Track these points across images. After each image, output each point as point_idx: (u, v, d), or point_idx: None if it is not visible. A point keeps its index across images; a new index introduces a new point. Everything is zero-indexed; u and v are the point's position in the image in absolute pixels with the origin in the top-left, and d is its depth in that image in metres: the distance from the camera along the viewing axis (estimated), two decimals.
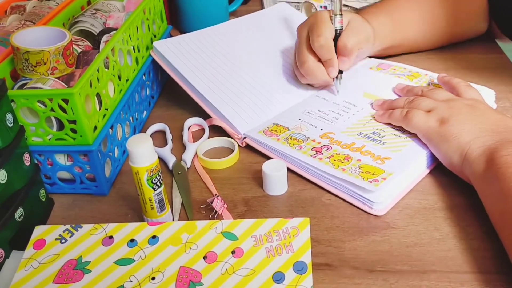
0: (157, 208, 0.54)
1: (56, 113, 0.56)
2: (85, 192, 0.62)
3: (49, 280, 0.47)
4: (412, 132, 0.62)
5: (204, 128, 0.72)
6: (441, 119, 0.58)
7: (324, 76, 0.71)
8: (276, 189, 0.60)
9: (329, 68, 0.71)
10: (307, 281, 0.46)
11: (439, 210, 0.56)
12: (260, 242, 0.49)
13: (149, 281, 0.47)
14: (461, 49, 0.86)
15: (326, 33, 0.69)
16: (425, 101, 0.62)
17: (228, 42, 0.82)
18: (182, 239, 0.50)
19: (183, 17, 1.00)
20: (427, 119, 0.60)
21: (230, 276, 0.47)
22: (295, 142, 0.64)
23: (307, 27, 0.72)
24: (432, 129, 0.59)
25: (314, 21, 0.71)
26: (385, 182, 0.56)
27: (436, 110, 0.60)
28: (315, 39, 0.69)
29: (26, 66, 0.60)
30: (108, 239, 0.51)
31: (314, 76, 0.72)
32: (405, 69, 0.79)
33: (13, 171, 0.52)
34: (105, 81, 0.63)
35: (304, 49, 0.71)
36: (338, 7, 0.70)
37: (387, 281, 0.48)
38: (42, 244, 0.51)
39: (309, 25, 0.72)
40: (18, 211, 0.53)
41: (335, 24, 0.71)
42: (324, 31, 0.69)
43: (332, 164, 0.59)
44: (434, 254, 0.51)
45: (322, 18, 0.70)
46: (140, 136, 0.52)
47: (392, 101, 0.67)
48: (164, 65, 0.77)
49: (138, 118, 0.73)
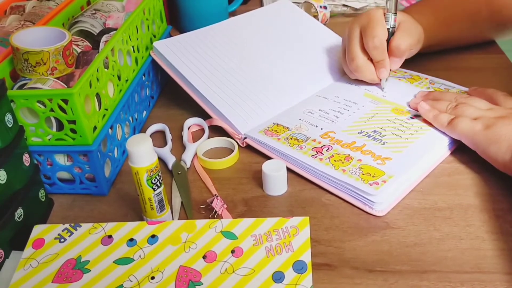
0: (156, 208, 0.54)
1: (55, 113, 0.56)
2: (84, 192, 0.62)
3: (48, 279, 0.47)
4: (456, 139, 0.62)
5: (204, 128, 0.72)
6: (487, 125, 0.58)
7: (372, 75, 0.72)
8: (276, 189, 0.60)
9: (381, 69, 0.71)
10: (306, 280, 0.45)
11: (438, 210, 0.56)
12: (260, 242, 0.49)
13: (148, 280, 0.47)
14: (461, 49, 0.86)
15: (380, 35, 0.69)
16: (470, 109, 0.62)
17: (228, 41, 0.82)
18: (182, 238, 0.50)
19: (183, 17, 1.00)
20: (473, 125, 0.60)
21: (229, 275, 0.46)
22: (295, 142, 0.64)
23: (359, 24, 0.72)
24: (478, 133, 0.59)
25: (368, 20, 0.70)
26: (386, 185, 0.56)
27: (483, 117, 0.60)
28: (370, 40, 0.69)
29: (26, 66, 0.60)
30: (107, 238, 0.51)
31: (362, 74, 0.72)
32: (405, 72, 0.79)
33: (12, 171, 0.52)
34: (105, 81, 0.63)
35: (356, 46, 0.71)
36: (394, 5, 0.70)
37: (387, 281, 0.48)
38: (41, 244, 0.51)
39: (362, 23, 0.71)
40: (17, 211, 0.53)
41: (390, 22, 0.70)
42: (378, 32, 0.69)
43: (332, 165, 0.59)
44: (434, 254, 0.51)
45: (377, 18, 0.70)
46: (140, 136, 0.52)
47: (436, 96, 0.68)
48: (164, 65, 0.77)
49: (137, 118, 0.73)
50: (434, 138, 0.63)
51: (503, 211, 0.55)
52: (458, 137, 0.62)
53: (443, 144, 0.63)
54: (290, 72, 0.78)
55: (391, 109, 0.69)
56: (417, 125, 0.65)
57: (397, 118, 0.67)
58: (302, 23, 0.88)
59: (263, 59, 0.80)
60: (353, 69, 0.73)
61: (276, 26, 0.87)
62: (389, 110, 0.69)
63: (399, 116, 0.67)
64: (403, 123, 0.66)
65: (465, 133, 0.60)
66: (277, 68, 0.78)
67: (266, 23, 0.87)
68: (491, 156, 0.58)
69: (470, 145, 0.61)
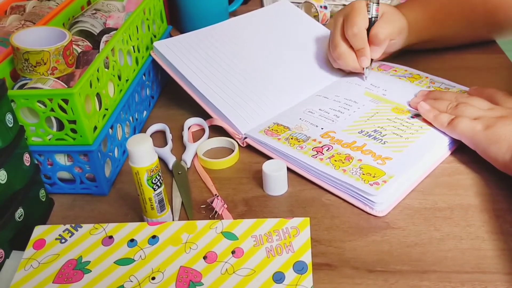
0: (157, 208, 0.54)
1: (56, 113, 0.56)
2: (85, 192, 0.62)
3: (49, 280, 0.47)
4: (457, 139, 0.62)
5: (204, 128, 0.72)
6: (487, 125, 0.58)
7: (354, 63, 0.74)
8: (276, 189, 0.60)
9: (361, 58, 0.73)
10: (307, 281, 0.45)
11: (439, 210, 0.56)
12: (260, 242, 0.49)
13: (149, 281, 0.47)
14: (461, 49, 0.86)
15: (360, 23, 0.71)
16: (470, 109, 0.62)
17: (228, 41, 0.82)
18: (182, 239, 0.50)
19: (183, 17, 1.00)
20: (473, 125, 0.60)
21: (230, 276, 0.47)
22: (296, 142, 0.64)
23: (342, 14, 0.74)
24: (478, 133, 0.59)
25: (350, 10, 0.73)
26: (386, 186, 0.56)
27: (483, 117, 0.60)
28: (349, 27, 0.71)
29: (26, 66, 0.60)
30: (108, 239, 0.51)
31: (345, 62, 0.74)
32: (406, 71, 0.79)
33: (13, 171, 0.52)
34: (105, 81, 0.63)
35: (338, 35, 0.73)
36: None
37: (387, 281, 0.48)
38: (42, 244, 0.51)
39: (345, 12, 0.73)
40: (18, 211, 0.53)
41: (372, 12, 0.72)
42: (358, 21, 0.71)
43: (333, 165, 0.59)
44: (434, 254, 0.51)
45: (358, 7, 0.72)
46: (140, 136, 0.52)
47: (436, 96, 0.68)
48: (164, 65, 0.77)
49: (138, 118, 0.73)
50: (435, 138, 0.63)
51: (503, 211, 0.55)
52: (458, 137, 0.62)
53: (443, 144, 0.63)
54: (290, 72, 0.78)
55: (392, 108, 0.69)
56: (418, 124, 0.65)
57: (398, 117, 0.67)
58: (302, 24, 0.88)
59: (263, 59, 0.80)
60: (336, 57, 0.74)
61: (276, 26, 0.87)
62: (390, 109, 0.69)
63: (400, 115, 0.67)
64: (404, 122, 0.66)
65: (465, 133, 0.60)
66: (277, 68, 0.78)
67: (266, 23, 0.87)
68: (491, 156, 0.58)
69: (471, 145, 0.61)
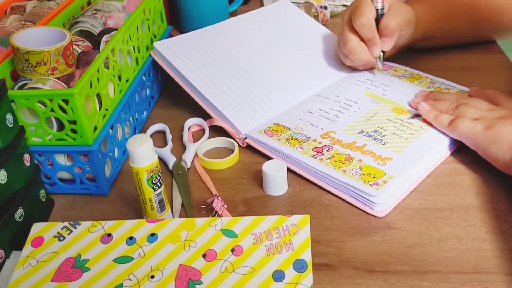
0: (157, 208, 0.54)
1: (56, 113, 0.56)
2: (85, 192, 0.62)
3: (48, 278, 0.47)
4: (457, 139, 0.62)
5: (204, 128, 0.72)
6: (488, 125, 0.58)
7: (366, 56, 0.73)
8: (276, 189, 0.60)
9: (372, 47, 0.72)
10: (307, 279, 0.45)
11: (439, 210, 0.56)
12: (260, 240, 0.49)
13: (148, 279, 0.46)
14: (461, 49, 0.86)
15: (367, 13, 0.71)
16: (470, 109, 0.62)
17: (228, 41, 0.82)
18: (181, 236, 0.50)
19: (183, 17, 1.00)
20: (474, 125, 0.59)
21: (229, 274, 0.46)
22: (296, 142, 0.64)
23: (349, 10, 0.74)
24: (479, 133, 0.59)
25: (356, 3, 0.73)
26: (386, 186, 0.56)
27: (483, 118, 0.60)
28: (357, 18, 0.71)
29: (26, 67, 0.60)
30: (107, 237, 0.51)
31: (356, 56, 0.73)
32: (406, 71, 0.79)
33: (13, 171, 0.52)
34: (105, 81, 0.63)
35: (347, 29, 0.73)
36: None
37: (387, 282, 0.48)
38: (40, 242, 0.50)
39: (351, 8, 0.74)
40: (18, 212, 0.53)
41: (379, 3, 0.72)
42: (365, 11, 0.71)
43: (333, 165, 0.59)
44: (435, 254, 0.50)
45: (364, 0, 0.72)
46: (140, 136, 0.52)
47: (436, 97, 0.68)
48: (164, 65, 0.77)
49: (138, 118, 0.73)
50: (435, 138, 0.63)
51: (503, 212, 0.55)
52: (459, 138, 0.62)
53: (443, 144, 0.63)
54: (290, 72, 0.78)
55: (392, 109, 0.69)
56: (418, 124, 0.65)
57: (398, 117, 0.67)
58: (302, 24, 0.88)
59: (263, 59, 0.80)
60: (347, 52, 0.74)
61: (277, 26, 0.87)
62: (390, 109, 0.69)
63: (400, 115, 0.67)
64: (404, 122, 0.66)
65: (466, 133, 0.60)
66: (277, 68, 0.78)
67: (266, 24, 0.87)
68: (492, 156, 0.58)
69: (471, 146, 0.61)
